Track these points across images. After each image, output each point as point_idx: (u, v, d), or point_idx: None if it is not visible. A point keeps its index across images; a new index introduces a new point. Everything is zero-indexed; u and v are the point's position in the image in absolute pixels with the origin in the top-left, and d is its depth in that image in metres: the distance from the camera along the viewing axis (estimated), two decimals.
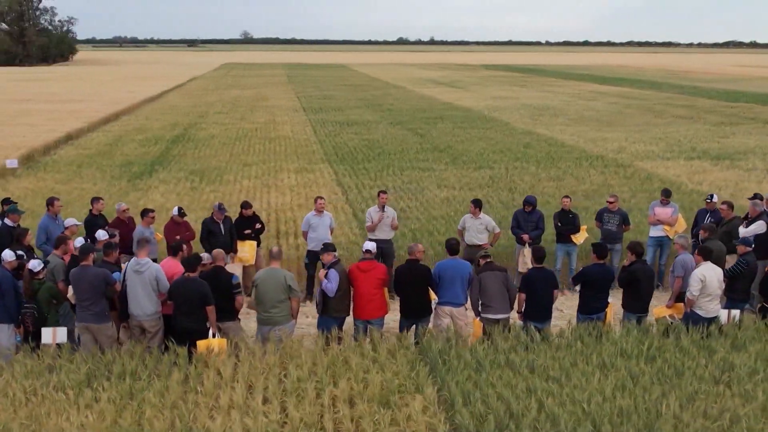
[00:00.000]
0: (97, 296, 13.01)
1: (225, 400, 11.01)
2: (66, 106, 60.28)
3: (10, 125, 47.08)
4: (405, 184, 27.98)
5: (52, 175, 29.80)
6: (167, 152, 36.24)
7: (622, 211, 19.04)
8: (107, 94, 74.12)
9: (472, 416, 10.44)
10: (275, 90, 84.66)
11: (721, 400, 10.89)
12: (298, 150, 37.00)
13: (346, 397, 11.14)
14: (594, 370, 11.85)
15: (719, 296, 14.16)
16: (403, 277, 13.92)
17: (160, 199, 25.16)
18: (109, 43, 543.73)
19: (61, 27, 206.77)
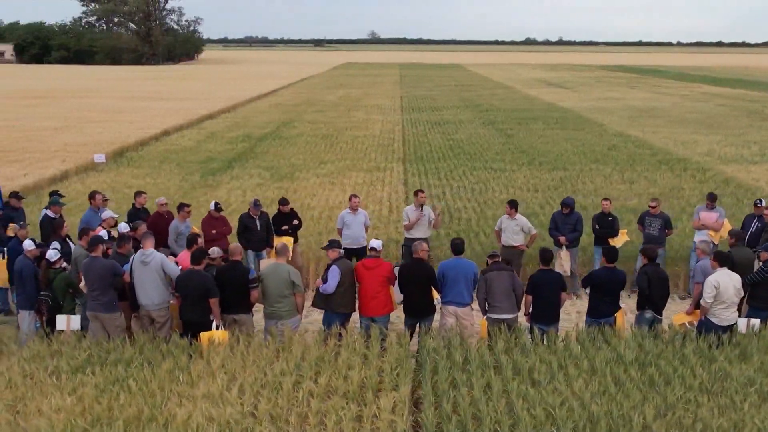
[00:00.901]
0: (105, 286, 13.42)
1: (203, 390, 11.24)
2: (172, 104, 62.24)
3: (113, 121, 48.97)
4: (471, 184, 27.86)
5: (132, 170, 30.82)
6: (251, 149, 36.98)
7: (665, 214, 18.56)
8: (218, 93, 76.12)
9: (437, 416, 10.42)
10: (382, 89, 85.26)
11: (700, 410, 10.56)
12: (379, 149, 37.22)
13: (321, 392, 11.23)
14: (580, 375, 11.64)
15: (736, 304, 13.65)
16: (406, 276, 13.93)
17: (225, 195, 25.72)
18: (240, 42, 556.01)
19: (187, 27, 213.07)
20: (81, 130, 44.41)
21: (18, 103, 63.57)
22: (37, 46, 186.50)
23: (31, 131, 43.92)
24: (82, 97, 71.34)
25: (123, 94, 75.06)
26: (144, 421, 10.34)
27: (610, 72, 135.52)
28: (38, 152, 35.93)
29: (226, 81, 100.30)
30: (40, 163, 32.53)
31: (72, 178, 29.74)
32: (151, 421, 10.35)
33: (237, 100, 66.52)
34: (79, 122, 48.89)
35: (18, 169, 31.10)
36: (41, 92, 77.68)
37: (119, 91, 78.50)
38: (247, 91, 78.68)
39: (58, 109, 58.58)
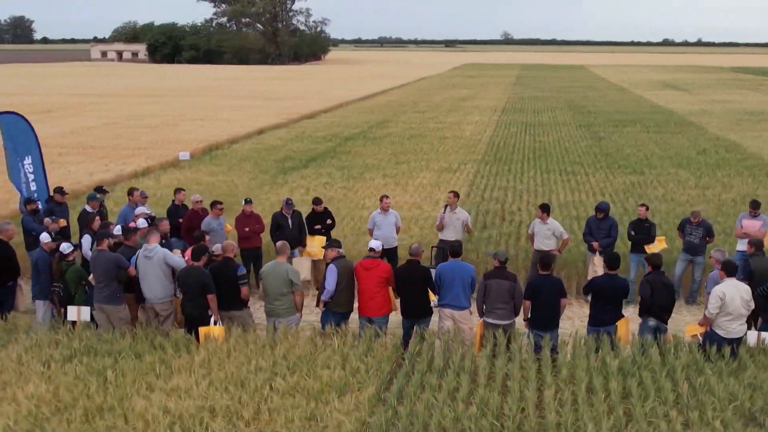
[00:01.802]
0: (109, 279, 13.85)
1: (175, 383, 11.51)
2: (277, 104, 63.46)
3: (212, 120, 50.36)
4: (536, 186, 27.47)
5: (210, 168, 31.52)
6: (333, 149, 37.32)
7: (706, 223, 17.92)
8: (328, 92, 77.13)
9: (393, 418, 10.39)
10: (493, 90, 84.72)
11: (665, 425, 10.20)
12: (460, 150, 37.02)
13: (287, 390, 11.33)
14: (552, 383, 11.40)
15: (744, 316, 13.06)
16: (402, 277, 13.87)
17: (287, 193, 26.05)
18: (372, 43, 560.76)
19: (314, 28, 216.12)
20: (177, 128, 45.75)
21: (130, 101, 65.90)
22: (169, 46, 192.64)
23: (131, 128, 45.50)
24: (194, 95, 73.39)
25: (235, 93, 76.89)
26: (104, 411, 10.65)
27: (737, 74, 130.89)
28: (128, 149, 37.21)
29: (341, 81, 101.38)
30: (126, 159, 33.68)
31: (150, 174, 30.62)
32: (109, 411, 10.65)
33: (343, 100, 67.31)
34: (179, 120, 50.36)
35: (102, 165, 32.33)
36: (157, 90, 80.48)
37: (233, 91, 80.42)
38: (358, 91, 79.44)
39: (166, 107, 60.47)
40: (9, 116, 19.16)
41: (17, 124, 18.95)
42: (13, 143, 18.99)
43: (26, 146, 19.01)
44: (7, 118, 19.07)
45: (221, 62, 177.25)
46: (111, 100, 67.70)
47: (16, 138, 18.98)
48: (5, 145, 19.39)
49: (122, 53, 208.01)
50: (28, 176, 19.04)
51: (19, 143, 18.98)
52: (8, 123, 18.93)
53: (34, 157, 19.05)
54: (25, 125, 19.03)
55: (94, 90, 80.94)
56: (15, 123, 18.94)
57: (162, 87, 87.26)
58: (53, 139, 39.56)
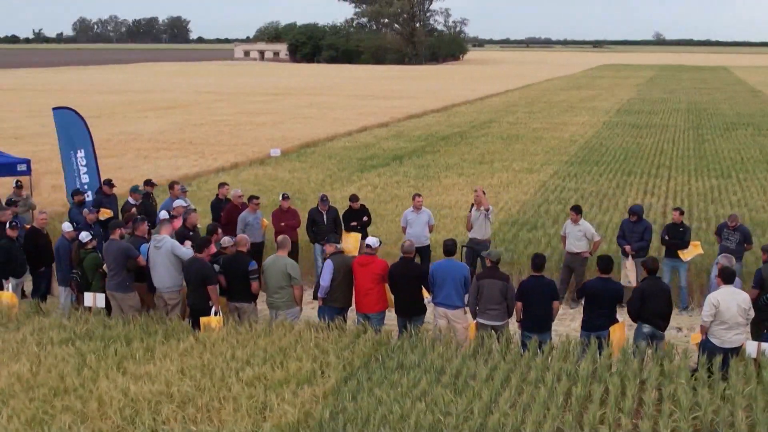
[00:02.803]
0: (119, 267, 14.47)
1: (147, 368, 11.95)
2: (391, 102, 64.06)
3: (318, 118, 51.40)
4: (608, 189, 26.89)
5: (293, 165, 32.15)
6: (423, 148, 37.43)
7: (744, 228, 17.28)
8: (446, 92, 77.16)
9: (342, 411, 10.53)
10: (618, 91, 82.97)
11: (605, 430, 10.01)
12: (552, 150, 36.53)
13: (252, 379, 11.60)
14: (516, 385, 11.29)
15: (742, 325, 12.60)
16: (396, 275, 13.94)
17: (354, 189, 26.31)
18: (519, 44, 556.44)
19: (453, 28, 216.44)
20: (283, 126, 46.86)
21: (251, 99, 67.80)
22: (309, 45, 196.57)
23: (237, 125, 46.90)
24: (317, 94, 74.85)
25: (356, 92, 77.93)
26: (68, 392, 11.17)
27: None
28: (226, 145, 38.40)
29: (467, 81, 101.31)
30: (217, 155, 34.77)
31: (233, 170, 31.48)
32: (73, 392, 11.15)
33: (458, 100, 67.42)
34: (289, 118, 51.55)
35: (192, 160, 33.52)
36: (281, 88, 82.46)
37: (356, 90, 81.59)
38: (478, 91, 79.34)
39: (283, 105, 61.98)
40: (63, 111, 20.17)
41: (71, 119, 19.93)
42: (66, 137, 19.95)
43: (79, 140, 19.96)
44: (61, 113, 20.06)
45: (359, 62, 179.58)
46: (234, 97, 69.81)
47: (69, 132, 19.96)
48: (59, 139, 20.39)
49: (264, 53, 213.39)
50: (80, 169, 19.96)
51: (71, 137, 19.93)
52: (62, 118, 19.90)
53: (86, 150, 19.97)
54: (78, 120, 19.98)
55: (222, 88, 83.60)
56: (68, 118, 19.93)
57: (286, 86, 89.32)
58: (156, 135, 41.34)
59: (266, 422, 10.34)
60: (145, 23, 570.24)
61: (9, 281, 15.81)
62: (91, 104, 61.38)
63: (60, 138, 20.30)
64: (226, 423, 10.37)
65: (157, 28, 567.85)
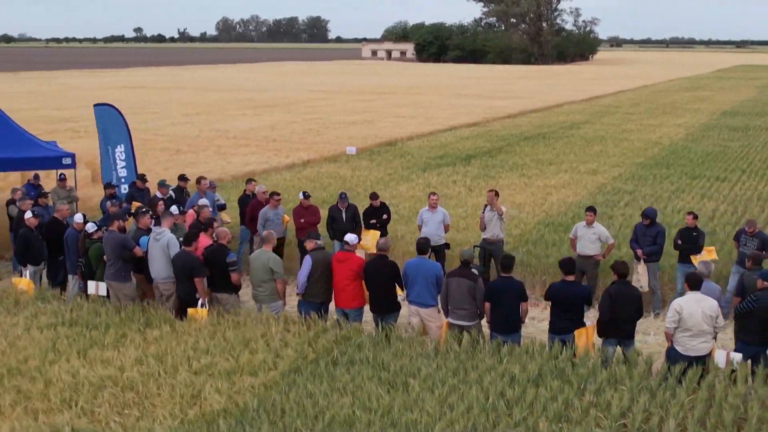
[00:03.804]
0: (115, 258, 15.09)
1: (110, 354, 12.50)
2: (493, 102, 63.91)
3: (412, 117, 51.74)
4: (662, 192, 26.20)
5: (360, 163, 32.50)
6: (500, 148, 37.18)
7: (763, 234, 16.69)
8: (555, 93, 76.22)
9: (266, 402, 10.82)
10: (735, 92, 79.94)
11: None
12: (628, 152, 35.71)
13: (201, 368, 11.98)
14: (450, 385, 11.31)
15: (708, 333, 12.25)
16: (370, 272, 14.08)
17: (405, 190, 26.57)
18: (660, 44, 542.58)
19: (583, 27, 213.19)
20: (373, 125, 47.31)
21: (356, 98, 68.61)
22: (436, 45, 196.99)
23: (327, 123, 47.65)
24: (423, 93, 75.16)
25: (464, 91, 77.80)
26: (21, 372, 11.79)
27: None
28: (306, 143, 39.11)
29: (584, 82, 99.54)
30: (292, 153, 35.43)
31: (298, 167, 32.00)
32: (24, 373, 11.77)
33: (563, 100, 66.65)
34: (382, 116, 52.02)
35: (265, 156, 34.34)
36: (391, 88, 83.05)
37: (465, 89, 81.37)
38: (588, 91, 78.13)
39: (383, 104, 62.47)
40: (103, 108, 21.05)
41: (110, 116, 20.79)
42: (105, 132, 20.81)
43: (118, 136, 20.79)
44: (101, 109, 20.95)
45: (485, 62, 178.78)
46: (340, 96, 70.85)
47: (108, 128, 20.81)
48: (98, 134, 21.27)
49: (391, 52, 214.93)
50: (118, 163, 20.79)
51: (110, 133, 20.78)
52: (102, 114, 20.77)
53: (125, 146, 20.78)
54: (118, 117, 20.82)
55: (334, 87, 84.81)
56: (108, 114, 20.79)
57: (396, 84, 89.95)
58: (244, 133, 42.43)
59: (192, 409, 10.71)
60: (286, 23, 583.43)
61: (27, 268, 16.70)
62: (199, 102, 63.46)
63: (99, 133, 21.17)
64: (156, 409, 10.77)
65: (297, 28, 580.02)
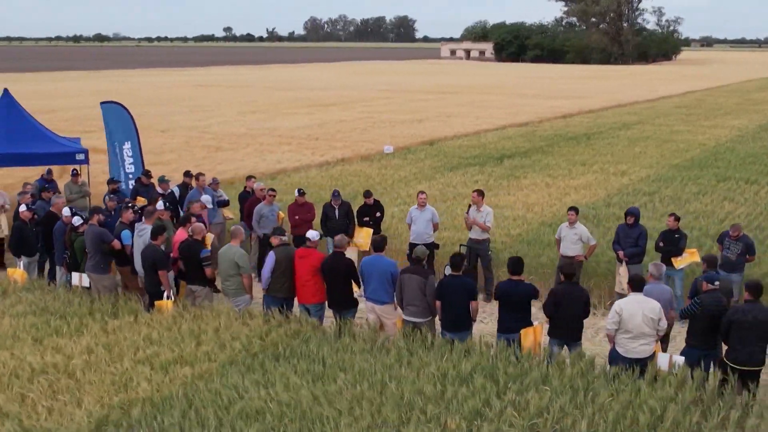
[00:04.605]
0: (94, 250, 15.62)
1: (61, 342, 12.95)
2: (552, 102, 63.62)
3: (465, 116, 51.79)
4: (684, 194, 25.76)
5: (393, 162, 32.63)
6: (539, 148, 36.87)
7: (747, 238, 16.38)
8: (622, 93, 75.22)
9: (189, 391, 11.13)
10: None
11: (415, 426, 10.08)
12: (666, 154, 35.03)
13: (145, 358, 12.34)
14: (354, 379, 11.45)
15: (649, 336, 12.13)
16: (327, 268, 14.24)
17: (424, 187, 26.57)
18: (753, 43, 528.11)
19: (667, 27, 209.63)
20: (421, 124, 47.47)
21: (416, 97, 68.66)
22: (515, 45, 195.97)
23: (376, 122, 47.94)
24: (485, 93, 74.98)
25: (528, 91, 77.39)
26: None
27: None
28: (345, 141, 39.59)
29: (658, 82, 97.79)
30: (329, 151, 35.81)
31: (330, 165, 32.31)
32: None
33: (626, 101, 65.82)
34: (432, 116, 52.15)
35: (299, 154, 34.87)
36: (454, 87, 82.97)
37: (531, 89, 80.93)
38: (659, 91, 77.01)
39: (439, 103, 62.56)
40: (110, 105, 21.65)
41: (117, 113, 21.36)
42: (112, 130, 21.39)
43: (125, 133, 21.34)
44: (108, 107, 21.55)
45: (564, 62, 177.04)
46: (400, 95, 71.16)
47: (115, 125, 21.39)
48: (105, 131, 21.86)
49: (470, 52, 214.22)
50: (125, 160, 21.34)
51: (117, 130, 21.35)
52: (108, 111, 21.36)
53: (132, 143, 21.34)
54: (125, 114, 21.38)
55: (400, 86, 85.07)
56: (115, 112, 21.36)
57: (460, 84, 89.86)
58: (289, 131, 43.07)
59: (116, 396, 11.06)
60: (373, 22, 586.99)
61: (21, 259, 17.34)
62: (259, 100, 64.49)
63: (106, 130, 21.76)
64: (86, 395, 11.15)
65: (384, 28, 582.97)
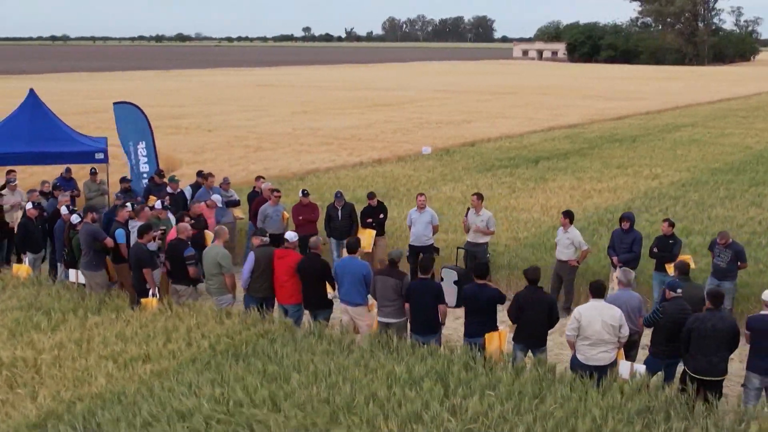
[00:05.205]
0: (87, 248, 15.99)
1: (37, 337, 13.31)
2: (609, 104, 62.94)
3: (512, 117, 51.43)
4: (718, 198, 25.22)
5: (425, 163, 32.53)
6: (576, 150, 36.43)
7: (737, 245, 16.06)
8: (681, 95, 73.74)
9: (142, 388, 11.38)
10: None
11: None
12: (708, 158, 34.29)
13: (108, 354, 12.63)
14: (306, 380, 11.52)
15: (609, 343, 12.00)
16: (301, 270, 14.37)
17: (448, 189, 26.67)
18: None
19: (745, 27, 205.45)
20: (465, 125, 47.43)
21: (473, 98, 68.54)
22: (588, 45, 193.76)
23: (421, 123, 47.90)
24: (544, 94, 74.45)
25: (589, 92, 76.42)
26: None
27: None
28: (386, 142, 39.62)
29: (722, 84, 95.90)
30: (364, 152, 35.79)
31: (363, 165, 32.36)
32: None
33: (686, 103, 64.87)
34: (482, 117, 52.06)
35: (334, 155, 34.96)
36: (513, 88, 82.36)
37: (592, 90, 80.00)
38: (721, 93, 75.46)
39: (494, 104, 62.38)
40: (123, 106, 22.13)
41: (131, 113, 21.82)
42: (125, 130, 21.83)
43: (140, 133, 21.80)
44: (121, 107, 22.02)
45: (637, 62, 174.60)
46: (457, 96, 71.14)
47: (128, 125, 21.83)
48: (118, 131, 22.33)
49: (542, 52, 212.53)
50: (139, 159, 21.77)
51: (131, 130, 21.79)
52: (122, 112, 21.84)
53: (147, 142, 21.77)
54: (139, 114, 21.82)
55: (459, 87, 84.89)
56: (129, 112, 21.83)
57: (522, 85, 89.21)
58: (333, 131, 43.33)
59: (71, 391, 11.35)
60: (451, 22, 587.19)
61: (26, 255, 17.84)
62: (314, 100, 64.99)
63: (119, 130, 22.22)
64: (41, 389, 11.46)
65: (463, 27, 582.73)
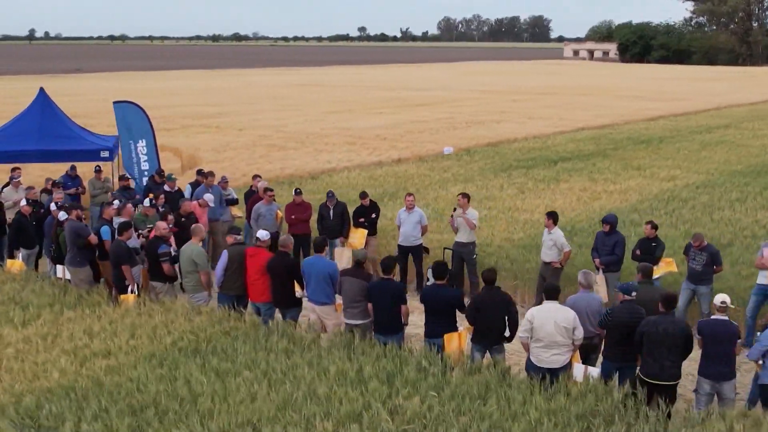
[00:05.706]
0: (71, 245, 16.30)
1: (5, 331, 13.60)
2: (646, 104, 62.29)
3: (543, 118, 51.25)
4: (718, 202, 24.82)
5: (442, 164, 32.49)
6: (601, 152, 36.06)
7: (712, 248, 15.83)
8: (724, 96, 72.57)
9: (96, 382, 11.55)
10: None
11: None
12: (731, 160, 33.66)
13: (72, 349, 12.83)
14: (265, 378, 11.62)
15: (563, 345, 11.93)
16: (270, 268, 14.45)
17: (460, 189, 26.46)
18: None
19: None
20: (494, 125, 47.29)
21: (507, 98, 68.21)
22: (639, 45, 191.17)
23: (453, 123, 47.78)
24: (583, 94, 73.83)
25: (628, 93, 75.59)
26: None
27: None
28: (408, 141, 39.63)
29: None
30: (384, 151, 35.91)
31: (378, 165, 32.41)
32: None
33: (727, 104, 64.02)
34: (513, 117, 51.85)
35: (353, 154, 35.08)
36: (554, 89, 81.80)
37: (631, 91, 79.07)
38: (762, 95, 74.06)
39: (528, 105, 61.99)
40: (123, 105, 22.41)
41: (132, 112, 22.10)
42: (126, 128, 22.12)
43: (141, 131, 22.06)
44: (121, 106, 22.32)
45: (690, 63, 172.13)
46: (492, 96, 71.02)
47: (129, 124, 22.11)
48: (118, 130, 22.61)
49: (593, 52, 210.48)
50: (140, 157, 22.05)
51: (132, 128, 22.07)
52: (122, 111, 22.12)
53: (147, 141, 22.04)
54: (140, 113, 22.09)
55: (500, 87, 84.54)
56: (129, 110, 22.13)
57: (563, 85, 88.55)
58: (359, 131, 43.39)
59: (22, 384, 11.57)
60: (507, 22, 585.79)
61: (20, 251, 18.20)
62: (349, 100, 65.27)
63: (119, 129, 22.51)
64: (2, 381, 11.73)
65: (519, 27, 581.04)
